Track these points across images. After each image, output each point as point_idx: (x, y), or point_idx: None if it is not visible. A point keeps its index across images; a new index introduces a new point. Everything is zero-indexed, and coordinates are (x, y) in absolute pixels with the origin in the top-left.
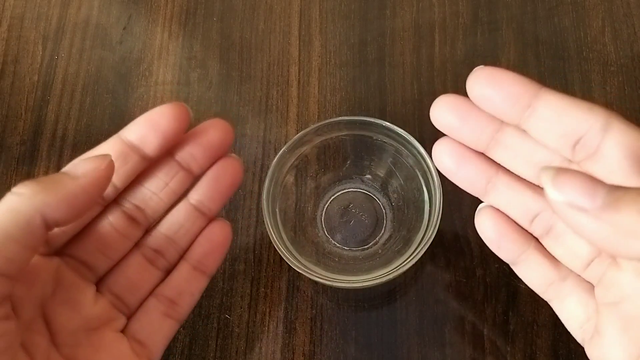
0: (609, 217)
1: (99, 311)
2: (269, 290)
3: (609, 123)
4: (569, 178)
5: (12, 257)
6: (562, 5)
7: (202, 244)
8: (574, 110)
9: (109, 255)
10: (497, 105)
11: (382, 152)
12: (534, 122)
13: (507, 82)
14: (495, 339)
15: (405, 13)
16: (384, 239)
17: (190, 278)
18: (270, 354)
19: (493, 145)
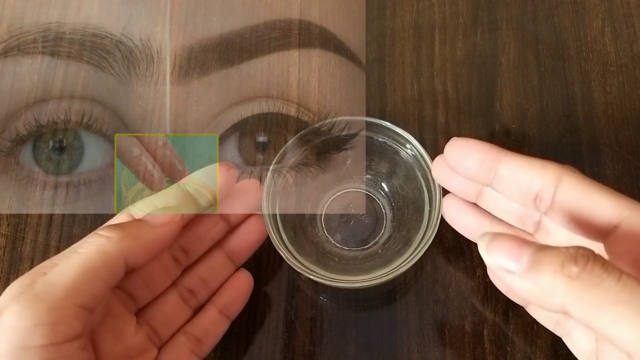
0: (531, 277)
1: (137, 341)
2: (269, 290)
3: (560, 178)
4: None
5: (96, 294)
6: (562, 5)
7: (229, 290)
8: (528, 168)
9: (152, 289)
10: (468, 170)
11: (382, 152)
12: (498, 182)
13: (473, 150)
14: (495, 339)
15: (405, 13)
16: (384, 239)
17: (216, 321)
18: (270, 354)
19: (480, 197)
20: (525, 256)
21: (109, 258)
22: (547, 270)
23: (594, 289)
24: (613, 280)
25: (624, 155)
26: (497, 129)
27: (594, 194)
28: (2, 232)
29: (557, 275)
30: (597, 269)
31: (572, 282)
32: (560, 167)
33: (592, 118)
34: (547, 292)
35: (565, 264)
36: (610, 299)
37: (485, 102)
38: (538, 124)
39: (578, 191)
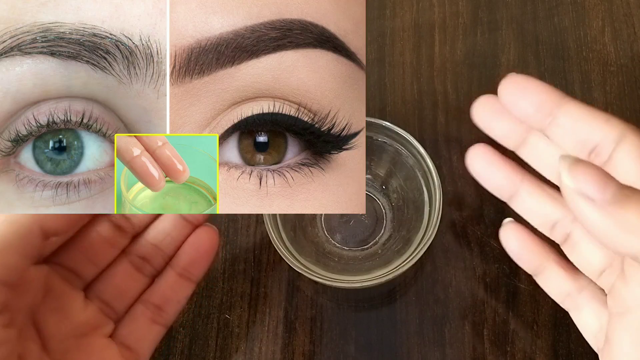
0: (614, 211)
1: (87, 317)
2: (269, 290)
3: (623, 135)
4: (584, 168)
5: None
6: (562, 5)
7: (188, 251)
8: (591, 120)
9: (96, 262)
10: (524, 111)
11: (382, 152)
12: (554, 129)
13: (534, 90)
14: (495, 339)
15: (405, 13)
16: (383, 239)
17: (176, 285)
18: (270, 354)
19: (522, 145)
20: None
21: (20, 227)
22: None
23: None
24: None
25: None
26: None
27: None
28: None
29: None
30: None
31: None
32: (625, 124)
33: None
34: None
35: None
36: None
37: None
38: None
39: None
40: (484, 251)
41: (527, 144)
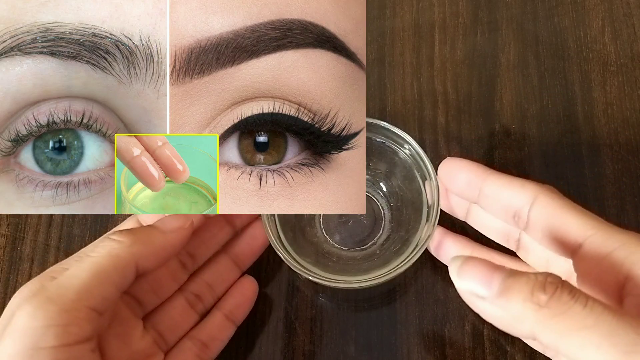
0: (501, 303)
1: (144, 346)
2: (269, 290)
3: (535, 196)
4: (470, 268)
5: (107, 297)
6: (562, 5)
7: (235, 295)
8: (509, 188)
9: (159, 294)
10: (459, 188)
11: (381, 153)
12: (483, 200)
13: (463, 170)
14: (495, 339)
15: (405, 13)
16: (382, 239)
17: (222, 326)
18: (270, 354)
19: (468, 215)
20: (496, 282)
21: (120, 262)
22: (517, 298)
23: (561, 316)
24: (580, 306)
25: (624, 155)
26: (497, 129)
27: (565, 213)
28: (2, 232)
29: (527, 302)
30: (565, 296)
31: (540, 310)
32: (539, 186)
33: (592, 118)
34: (516, 319)
35: (534, 291)
36: (578, 325)
37: (485, 102)
38: (538, 124)
39: (550, 210)
40: None
41: (471, 214)
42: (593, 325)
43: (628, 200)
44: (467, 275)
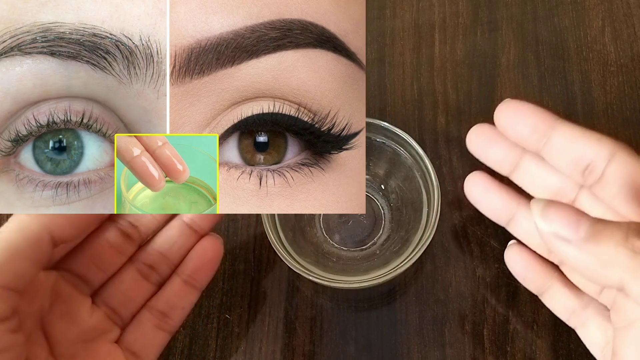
0: (589, 248)
1: (94, 323)
2: (269, 290)
3: (614, 153)
4: (556, 210)
5: (21, 273)
6: (562, 5)
7: (194, 259)
8: (584, 139)
9: (104, 269)
10: (519, 134)
11: (381, 153)
12: (549, 149)
13: (528, 114)
14: (495, 339)
15: (405, 13)
16: (382, 239)
17: (182, 292)
18: (270, 354)
19: (515, 170)
20: (584, 225)
21: (30, 234)
22: (609, 242)
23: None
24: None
25: None
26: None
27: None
28: None
29: (619, 248)
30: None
31: (635, 257)
32: (616, 143)
33: (592, 118)
34: (606, 264)
35: (629, 236)
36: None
37: (485, 102)
38: None
39: (629, 168)
40: (484, 251)
41: (520, 168)
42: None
43: None
44: (552, 216)
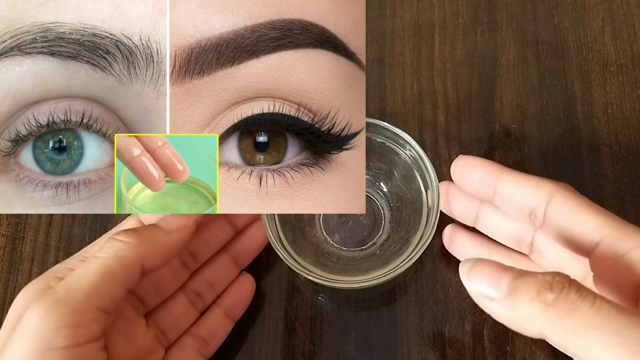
0: (509, 304)
1: (147, 343)
2: (269, 290)
3: (552, 195)
4: (479, 271)
5: (114, 298)
6: (562, 5)
7: (234, 293)
8: (524, 186)
9: (161, 293)
10: (473, 187)
11: (381, 153)
12: (497, 199)
13: (476, 168)
14: (495, 339)
15: (405, 13)
16: (382, 239)
17: (221, 322)
18: (270, 354)
19: (477, 220)
20: (504, 283)
21: (127, 263)
22: (525, 298)
23: (569, 315)
24: (587, 305)
25: (624, 155)
26: (497, 129)
27: (581, 211)
28: (2, 232)
29: (534, 302)
30: (572, 295)
31: (548, 309)
32: (555, 184)
33: (592, 118)
34: (525, 319)
35: (541, 291)
36: (585, 324)
37: (485, 102)
38: (538, 124)
39: (567, 208)
40: None
41: (480, 219)
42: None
43: (628, 200)
44: (476, 277)
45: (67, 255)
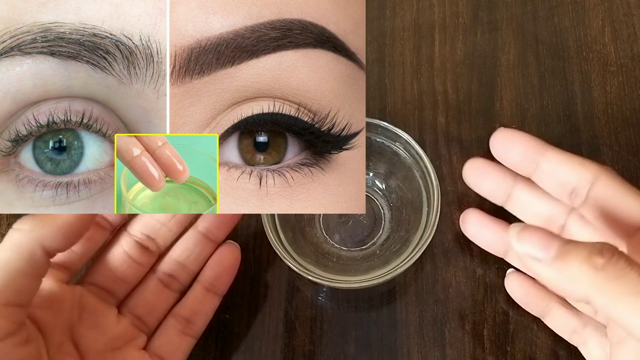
0: (557, 266)
1: (121, 331)
2: (269, 290)
3: (597, 176)
4: (529, 234)
5: (21, 289)
6: (562, 5)
7: (213, 267)
8: (569, 165)
9: (126, 280)
10: (512, 161)
11: (381, 153)
12: (538, 174)
13: (520, 141)
14: (495, 339)
15: (405, 13)
16: (382, 239)
17: (204, 299)
18: (270, 354)
19: (509, 200)
20: (553, 246)
21: (23, 250)
22: (574, 260)
23: (617, 280)
24: (635, 274)
25: (624, 155)
26: (497, 129)
27: (625, 195)
28: (2, 232)
29: (583, 265)
30: (622, 262)
31: (597, 273)
32: (599, 166)
33: (592, 118)
34: (572, 280)
35: (591, 255)
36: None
37: (485, 102)
38: (538, 124)
39: (611, 190)
40: (484, 251)
41: (512, 198)
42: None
43: None
44: (526, 239)
45: None
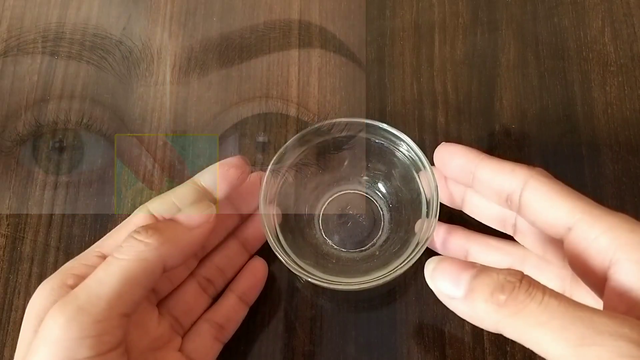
0: (468, 304)
1: (161, 332)
2: (269, 290)
3: (526, 182)
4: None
5: (137, 301)
6: (562, 5)
7: (247, 277)
8: (500, 173)
9: (172, 281)
10: (453, 173)
11: (380, 154)
12: (477, 184)
13: (456, 155)
14: (495, 339)
15: (405, 13)
16: (381, 240)
17: (236, 307)
18: (270, 354)
19: (464, 203)
20: (463, 283)
21: (149, 265)
22: (480, 298)
23: (517, 315)
24: (535, 304)
25: (624, 155)
26: (497, 129)
27: (554, 196)
28: (2, 232)
29: (488, 303)
30: (521, 294)
31: (500, 310)
32: (529, 170)
33: (592, 118)
34: (482, 318)
35: (494, 292)
36: (533, 322)
37: (485, 102)
38: (538, 124)
39: (540, 194)
40: None
41: (466, 202)
42: (547, 322)
43: (628, 200)
44: (438, 277)
45: (66, 255)
